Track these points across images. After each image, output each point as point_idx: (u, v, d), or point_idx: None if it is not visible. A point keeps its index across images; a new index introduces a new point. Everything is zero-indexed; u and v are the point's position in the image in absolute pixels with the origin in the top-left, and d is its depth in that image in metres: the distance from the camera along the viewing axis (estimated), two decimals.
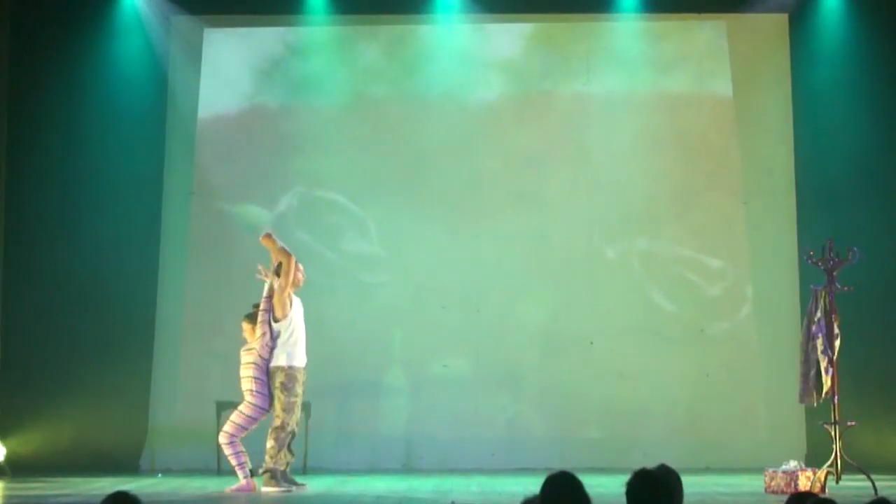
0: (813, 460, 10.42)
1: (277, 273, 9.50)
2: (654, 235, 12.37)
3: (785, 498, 4.37)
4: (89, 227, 12.25)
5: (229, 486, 9.43)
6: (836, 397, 9.41)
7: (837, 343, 9.48)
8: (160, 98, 12.47)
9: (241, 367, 9.58)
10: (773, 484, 9.30)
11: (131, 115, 12.32)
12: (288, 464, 9.51)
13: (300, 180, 12.48)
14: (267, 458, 9.33)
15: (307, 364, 9.60)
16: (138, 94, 12.38)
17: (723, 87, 12.50)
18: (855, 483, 9.27)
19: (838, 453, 9.24)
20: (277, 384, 9.41)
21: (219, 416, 11.02)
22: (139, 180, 12.34)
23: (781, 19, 12.54)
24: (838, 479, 9.25)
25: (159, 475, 11.09)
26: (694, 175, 12.43)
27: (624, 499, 4.10)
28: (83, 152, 12.32)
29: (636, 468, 4.16)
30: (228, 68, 12.60)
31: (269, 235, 9.68)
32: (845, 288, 9.55)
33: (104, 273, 12.17)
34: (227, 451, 9.48)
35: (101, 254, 12.21)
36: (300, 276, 9.58)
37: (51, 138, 12.31)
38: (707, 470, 11.31)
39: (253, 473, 9.47)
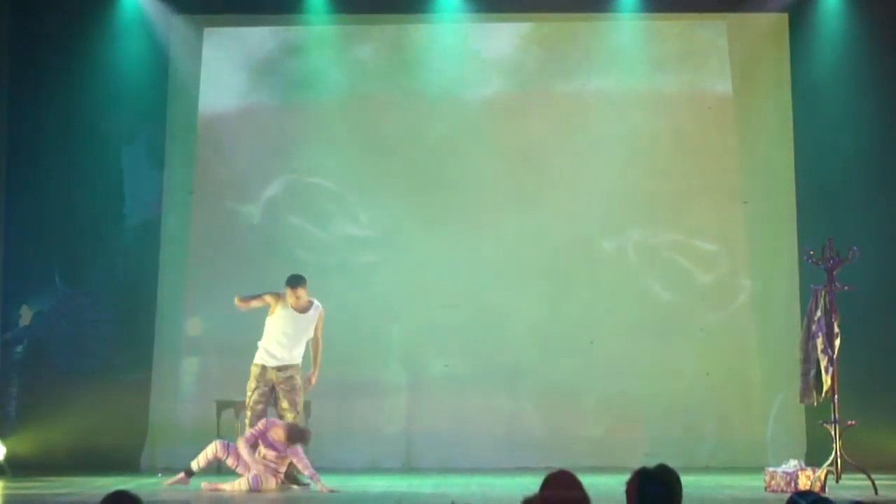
0: (813, 459, 10.42)
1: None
2: (653, 234, 12.37)
3: (785, 497, 4.38)
4: (89, 226, 12.25)
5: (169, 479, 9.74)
6: (836, 396, 9.42)
7: (837, 342, 9.49)
8: (160, 97, 12.46)
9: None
10: (772, 483, 9.31)
11: (131, 114, 12.33)
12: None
13: (300, 178, 12.48)
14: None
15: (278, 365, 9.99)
16: (138, 93, 12.36)
17: (722, 86, 12.50)
18: (855, 482, 9.29)
19: (838, 452, 9.25)
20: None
21: (219, 415, 11.03)
22: (139, 180, 12.35)
23: (781, 18, 12.53)
24: (838, 479, 9.26)
25: (159, 475, 11.08)
26: (693, 174, 12.43)
27: (623, 498, 4.11)
28: (83, 151, 12.31)
29: (636, 467, 4.16)
30: (228, 67, 12.60)
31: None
32: (845, 287, 9.56)
33: (104, 272, 12.20)
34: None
35: (101, 253, 12.22)
36: (256, 304, 10.16)
37: (51, 138, 12.30)
38: (707, 469, 11.31)
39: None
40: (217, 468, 10.67)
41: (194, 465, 9.73)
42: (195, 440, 11.41)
